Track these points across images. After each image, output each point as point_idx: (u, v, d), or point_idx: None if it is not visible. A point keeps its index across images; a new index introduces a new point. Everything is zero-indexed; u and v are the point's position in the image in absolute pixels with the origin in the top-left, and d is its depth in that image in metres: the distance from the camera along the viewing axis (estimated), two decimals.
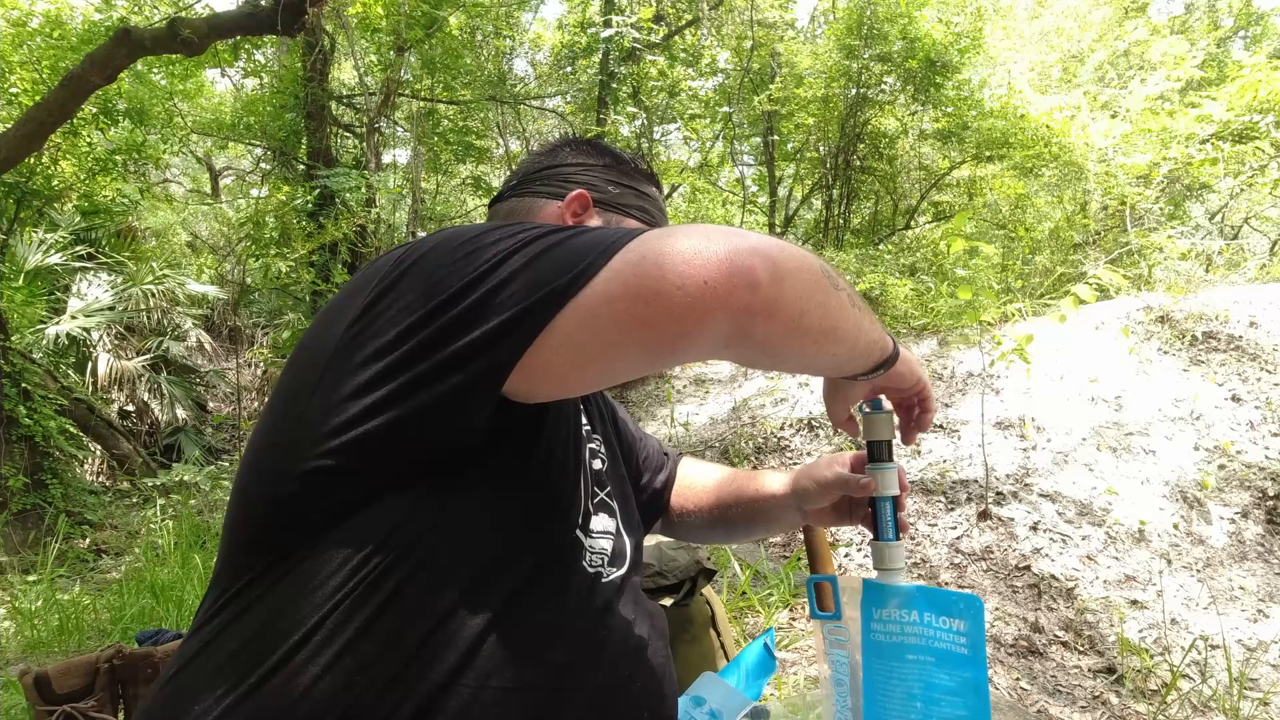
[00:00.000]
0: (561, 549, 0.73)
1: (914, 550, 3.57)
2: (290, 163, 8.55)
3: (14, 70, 6.81)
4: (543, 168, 0.96)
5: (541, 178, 0.95)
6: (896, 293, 6.50)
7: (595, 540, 0.78)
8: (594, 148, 0.98)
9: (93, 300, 7.55)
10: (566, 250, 0.60)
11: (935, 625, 0.71)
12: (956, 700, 0.69)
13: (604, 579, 0.77)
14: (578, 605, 0.73)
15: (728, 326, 0.58)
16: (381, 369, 0.62)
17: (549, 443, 0.72)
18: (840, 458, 0.98)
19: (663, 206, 1.01)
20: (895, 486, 0.82)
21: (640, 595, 0.85)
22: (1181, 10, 12.34)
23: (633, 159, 0.99)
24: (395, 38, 7.87)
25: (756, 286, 0.56)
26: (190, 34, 3.73)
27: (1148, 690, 2.64)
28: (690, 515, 1.13)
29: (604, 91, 8.77)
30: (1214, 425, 4.04)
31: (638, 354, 0.61)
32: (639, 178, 0.97)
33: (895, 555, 0.79)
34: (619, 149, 1.01)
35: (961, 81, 8.11)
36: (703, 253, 0.56)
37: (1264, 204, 7.43)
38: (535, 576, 0.69)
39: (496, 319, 0.59)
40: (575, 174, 0.94)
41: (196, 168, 12.91)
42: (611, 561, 0.81)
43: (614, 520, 0.85)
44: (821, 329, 0.64)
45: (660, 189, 1.02)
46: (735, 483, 1.12)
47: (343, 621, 0.61)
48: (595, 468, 0.86)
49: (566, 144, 0.99)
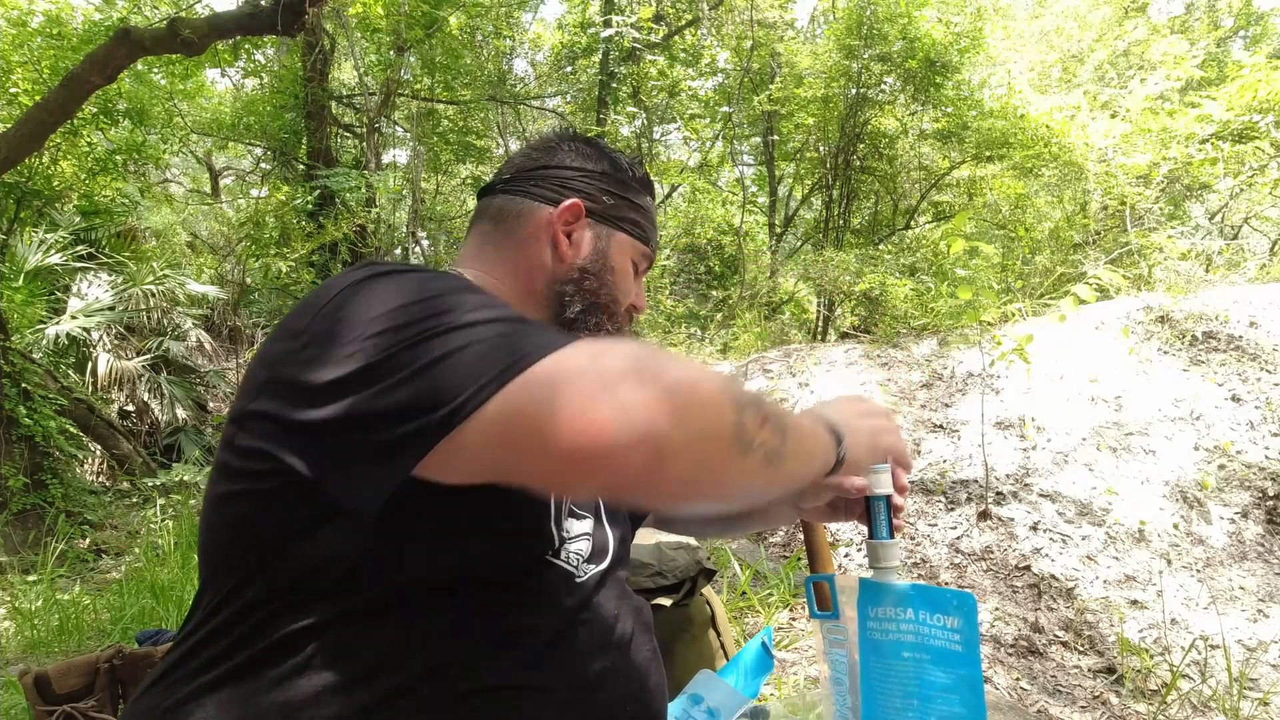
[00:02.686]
0: (527, 550, 0.73)
1: (914, 550, 3.57)
2: (290, 163, 8.56)
3: (14, 70, 6.81)
4: (539, 166, 0.94)
5: (537, 177, 0.93)
6: (896, 293, 6.50)
7: (570, 537, 0.79)
8: (593, 149, 0.96)
9: (93, 300, 7.55)
10: (465, 362, 0.56)
11: (930, 623, 0.72)
12: (952, 697, 0.69)
13: (579, 577, 0.78)
14: (549, 604, 0.73)
15: (597, 492, 0.57)
16: (283, 423, 0.62)
17: None
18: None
19: (654, 216, 1.00)
20: (889, 486, 0.83)
21: (625, 589, 0.86)
22: (1181, 10, 12.33)
23: (630, 165, 0.98)
24: (395, 38, 7.88)
25: (627, 469, 0.52)
26: (190, 34, 3.73)
27: (1148, 690, 2.64)
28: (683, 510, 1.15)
29: (604, 91, 8.78)
30: (1214, 425, 4.04)
31: (522, 485, 0.59)
32: (635, 187, 0.96)
33: (890, 554, 0.80)
34: (618, 152, 0.99)
35: (961, 81, 8.11)
36: (588, 414, 0.51)
37: (1264, 204, 7.42)
38: (499, 580, 0.69)
39: (377, 438, 0.57)
40: (572, 179, 0.93)
41: (196, 168, 12.92)
42: (591, 558, 0.81)
43: (589, 516, 0.85)
44: (716, 494, 0.62)
45: (654, 196, 1.02)
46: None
47: (304, 632, 0.63)
48: None
49: (565, 142, 0.97)
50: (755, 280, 8.97)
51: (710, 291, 10.28)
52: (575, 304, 0.90)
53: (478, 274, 0.90)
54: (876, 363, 5.30)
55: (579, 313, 0.90)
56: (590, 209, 0.91)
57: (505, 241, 0.92)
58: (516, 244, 0.92)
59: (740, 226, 9.40)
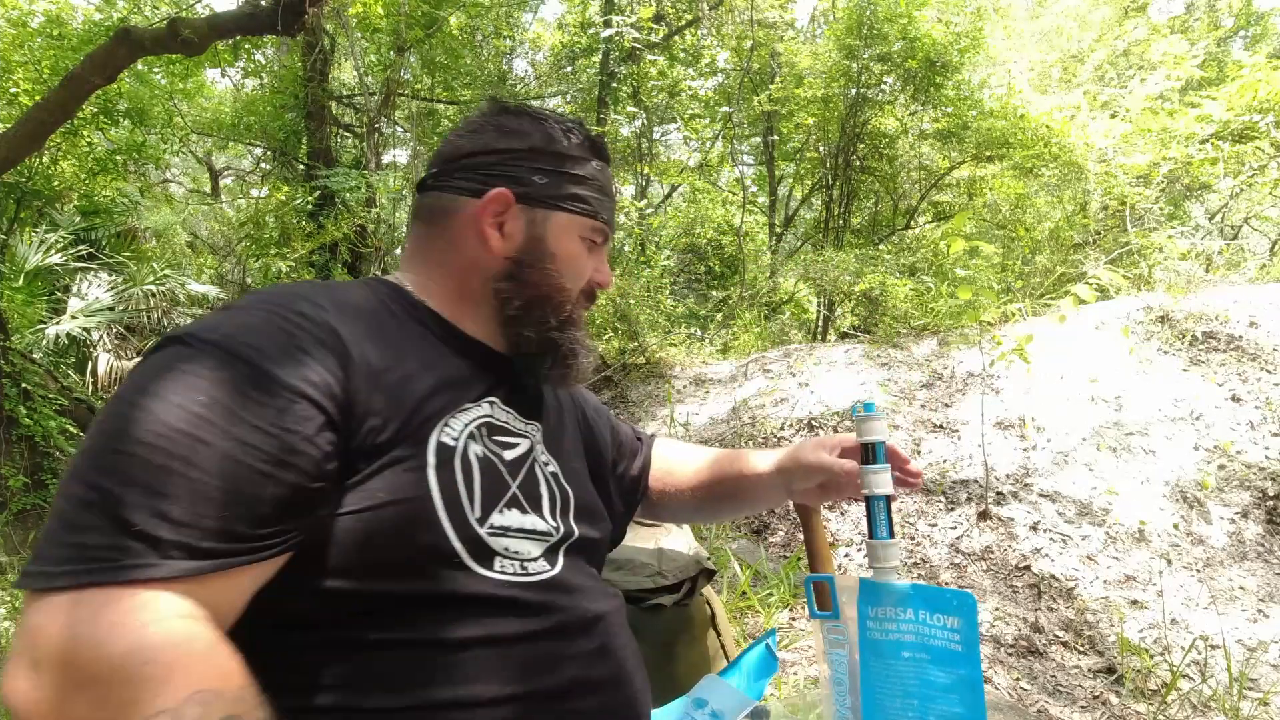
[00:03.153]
0: (437, 562, 0.69)
1: (914, 550, 3.57)
2: (290, 163, 8.56)
3: (14, 70, 6.81)
4: (462, 154, 0.87)
5: (461, 168, 0.87)
6: (896, 293, 6.50)
7: (507, 540, 0.74)
8: (524, 123, 0.88)
9: (93, 300, 7.54)
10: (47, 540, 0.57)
11: (929, 623, 0.72)
12: (952, 696, 0.69)
13: (519, 579, 0.73)
14: (476, 613, 0.70)
15: None
16: None
17: (391, 467, 0.69)
18: (826, 441, 0.99)
19: (605, 182, 0.91)
20: (889, 486, 0.83)
21: (590, 586, 0.82)
22: (1181, 10, 12.33)
23: (567, 132, 0.89)
24: (395, 38, 7.88)
25: None
26: (190, 34, 3.73)
27: (1148, 690, 2.64)
28: (672, 497, 1.13)
29: (604, 91, 8.77)
30: (1214, 425, 4.04)
31: None
32: (574, 156, 0.88)
33: (890, 554, 0.80)
34: (555, 119, 0.90)
35: (961, 81, 8.11)
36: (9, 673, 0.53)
37: (1264, 204, 7.42)
38: (415, 597, 0.67)
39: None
40: (497, 165, 0.85)
41: (196, 168, 12.92)
42: (545, 555, 0.78)
43: (538, 513, 0.80)
44: None
45: (605, 159, 0.93)
46: (720, 463, 1.13)
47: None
48: (508, 458, 0.80)
49: (492, 121, 0.89)
50: (755, 280, 8.97)
51: (710, 291, 10.28)
52: (515, 300, 0.85)
53: (417, 279, 0.87)
54: (876, 363, 5.30)
55: (519, 309, 0.85)
56: (520, 194, 0.85)
57: (436, 243, 0.88)
58: (447, 244, 0.87)
59: (740, 226, 9.40)
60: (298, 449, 0.62)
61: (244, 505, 0.60)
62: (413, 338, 0.80)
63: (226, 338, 0.64)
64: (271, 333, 0.66)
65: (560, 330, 0.87)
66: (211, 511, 0.58)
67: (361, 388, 0.69)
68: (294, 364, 0.65)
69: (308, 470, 0.63)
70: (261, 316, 0.68)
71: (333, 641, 0.66)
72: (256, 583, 0.63)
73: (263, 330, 0.66)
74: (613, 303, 6.38)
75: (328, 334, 0.69)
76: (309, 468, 0.63)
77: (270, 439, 0.61)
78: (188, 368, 0.62)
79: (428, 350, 0.80)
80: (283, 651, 0.66)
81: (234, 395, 0.61)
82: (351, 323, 0.73)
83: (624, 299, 6.42)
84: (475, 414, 0.79)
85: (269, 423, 0.61)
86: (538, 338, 0.86)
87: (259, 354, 0.64)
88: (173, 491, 0.57)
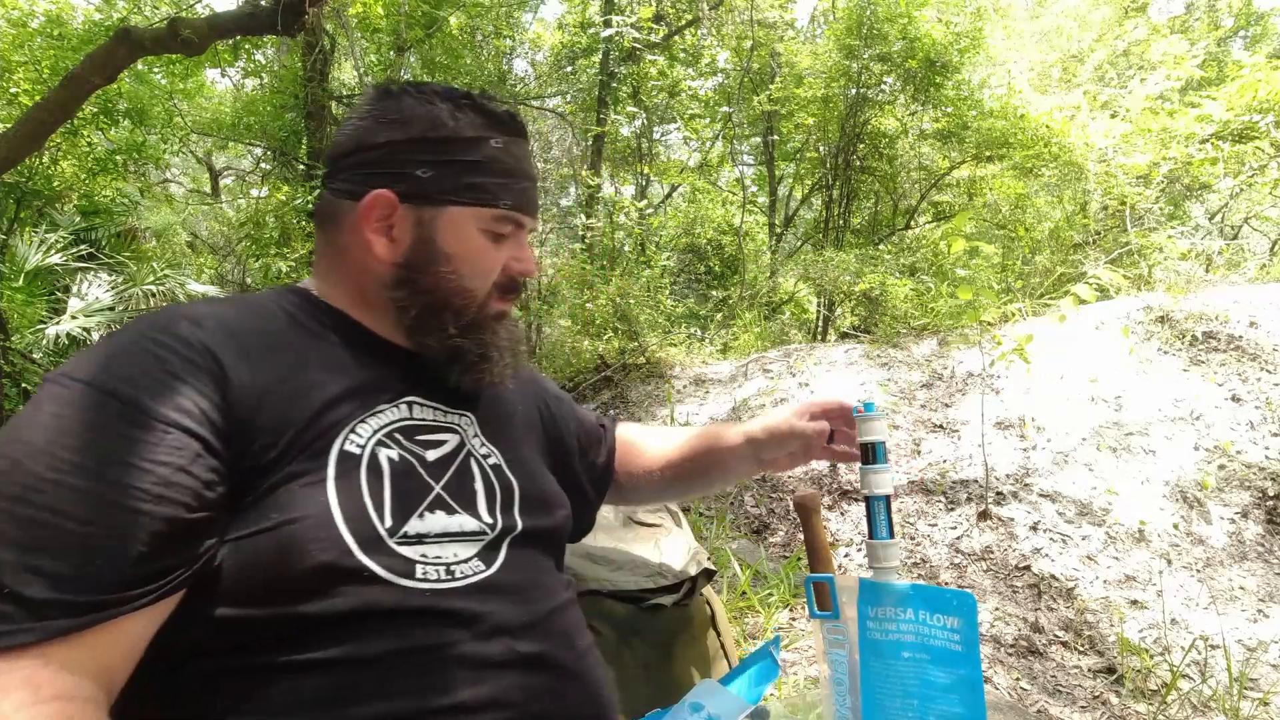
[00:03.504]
0: (340, 580, 0.66)
1: (914, 550, 3.57)
2: (290, 163, 8.55)
3: (14, 70, 6.81)
4: (343, 152, 0.81)
5: (342, 167, 0.80)
6: (896, 293, 6.50)
7: (426, 547, 0.70)
8: (406, 106, 0.79)
9: (93, 300, 7.54)
10: None
11: (929, 623, 0.72)
12: (952, 696, 0.69)
13: (443, 586, 0.70)
14: (396, 627, 0.66)
15: None
16: None
17: (286, 484, 0.67)
18: (796, 409, 0.99)
19: (510, 161, 0.81)
20: (889, 486, 0.83)
21: (534, 582, 0.78)
22: (1181, 10, 12.33)
23: (456, 109, 0.79)
24: (395, 38, 7.88)
25: None
26: (190, 34, 3.73)
27: (1148, 690, 2.64)
28: (640, 479, 1.12)
29: (604, 91, 8.77)
30: (1214, 425, 4.04)
31: None
32: (466, 140, 0.79)
33: (890, 554, 0.80)
34: (441, 98, 0.79)
35: (961, 81, 8.11)
36: None
37: (1264, 204, 7.42)
38: (318, 617, 0.64)
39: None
40: (378, 162, 0.78)
41: (196, 168, 12.92)
42: (483, 553, 0.74)
43: (470, 511, 0.76)
44: None
45: (513, 129, 0.82)
46: (688, 440, 1.11)
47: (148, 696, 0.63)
48: (430, 458, 0.77)
49: (372, 109, 0.80)
50: (755, 280, 8.97)
51: (710, 291, 10.28)
52: (411, 309, 0.80)
53: (322, 286, 0.83)
54: (876, 363, 5.30)
55: (417, 318, 0.80)
56: (404, 193, 0.77)
57: (329, 249, 0.83)
58: (339, 251, 0.82)
59: (740, 226, 9.40)
60: (173, 481, 0.60)
61: (123, 548, 0.57)
62: (315, 346, 0.77)
63: (96, 375, 0.62)
64: (144, 363, 0.64)
65: (465, 335, 0.81)
66: (88, 561, 0.56)
67: (243, 407, 0.66)
68: (166, 393, 0.63)
69: (186, 502, 0.61)
70: (134, 346, 0.65)
71: (245, 667, 0.64)
72: (152, 625, 0.61)
73: (134, 361, 0.64)
74: (613, 303, 6.38)
75: (202, 356, 0.67)
76: (188, 499, 0.61)
77: (145, 474, 0.59)
78: (58, 410, 0.60)
79: (333, 357, 0.76)
80: (193, 681, 0.64)
81: (105, 434, 0.60)
82: (237, 339, 0.70)
83: (624, 299, 6.42)
84: (389, 417, 0.76)
85: (142, 458, 0.59)
86: (439, 345, 0.80)
87: (130, 387, 0.62)
88: (45, 545, 0.55)
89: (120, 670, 0.59)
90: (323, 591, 0.65)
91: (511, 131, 0.83)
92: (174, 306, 0.72)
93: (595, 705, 0.77)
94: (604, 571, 1.41)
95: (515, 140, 0.83)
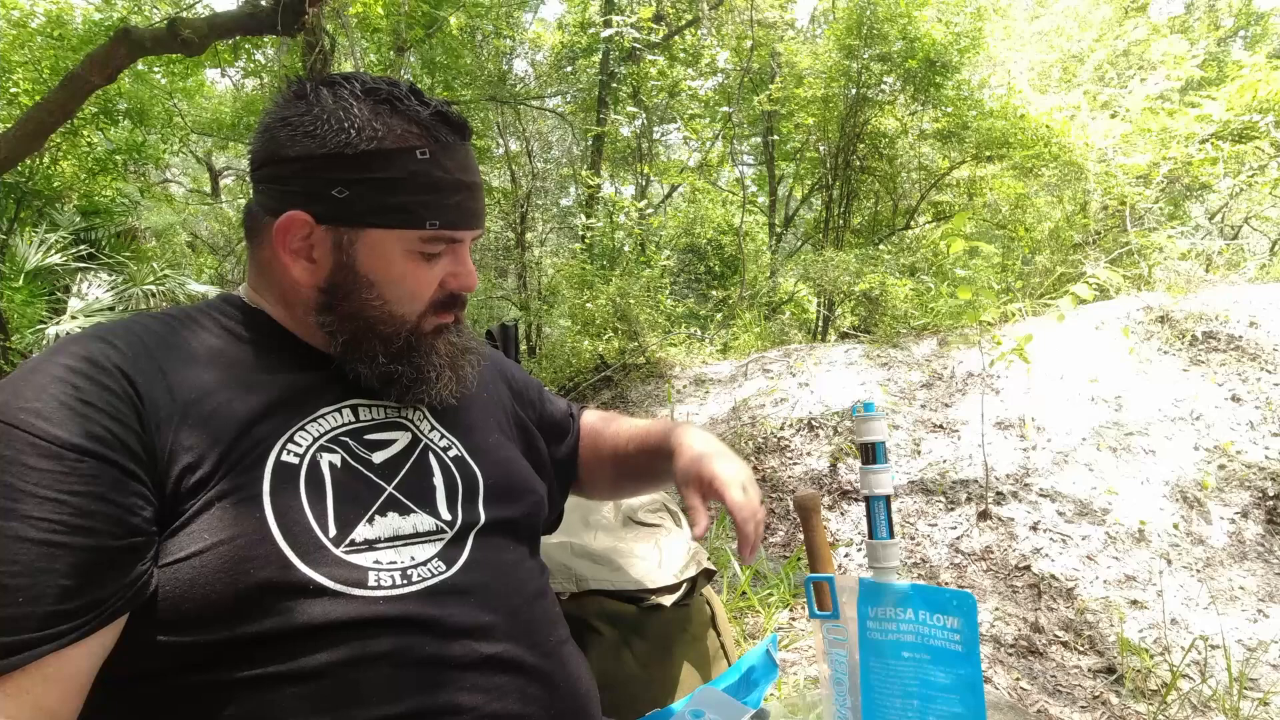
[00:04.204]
0: (284, 595, 0.64)
1: (914, 550, 3.57)
2: None
3: (14, 70, 6.81)
4: (259, 162, 0.75)
5: (263, 178, 0.75)
6: (896, 293, 6.50)
7: (378, 553, 0.68)
8: (319, 115, 0.71)
9: (93, 300, 7.53)
10: None
11: (929, 623, 0.72)
12: (952, 697, 0.69)
13: (399, 592, 0.67)
14: (350, 637, 0.65)
15: None
16: None
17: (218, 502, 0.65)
18: (696, 478, 0.89)
19: (446, 166, 0.73)
20: (889, 486, 0.83)
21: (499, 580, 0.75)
22: (1181, 10, 12.33)
23: (375, 115, 0.71)
24: (395, 38, 7.88)
25: None
26: (190, 34, 3.73)
27: (1148, 690, 2.64)
28: (595, 475, 1.10)
29: (604, 91, 8.78)
30: (1214, 425, 4.04)
31: None
32: (386, 152, 0.70)
33: (889, 554, 0.80)
34: (359, 100, 0.71)
35: (961, 81, 8.11)
36: None
37: (1264, 204, 7.42)
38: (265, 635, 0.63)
39: None
40: (292, 179, 0.72)
41: (196, 168, 12.92)
42: (445, 551, 0.72)
43: (428, 509, 0.74)
44: None
45: (448, 131, 0.74)
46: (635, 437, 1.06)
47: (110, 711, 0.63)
48: (379, 460, 0.74)
49: (286, 114, 0.72)
50: (755, 280, 8.97)
51: (710, 291, 10.28)
52: (339, 336, 0.75)
53: (254, 296, 0.80)
54: (876, 363, 5.30)
55: (345, 345, 0.75)
56: (320, 214, 0.71)
57: (256, 261, 0.79)
58: (263, 265, 0.78)
59: (740, 226, 9.40)
60: (91, 510, 0.58)
61: (43, 584, 0.56)
62: (246, 357, 0.74)
63: (3, 407, 0.60)
64: (53, 392, 0.61)
65: (396, 361, 0.76)
66: (9, 600, 0.55)
67: (162, 429, 0.64)
68: (78, 421, 0.60)
69: (108, 530, 0.59)
70: (44, 375, 0.63)
71: (200, 686, 0.63)
72: (93, 657, 0.59)
73: (43, 389, 0.61)
74: (613, 303, 6.38)
75: (115, 379, 0.64)
76: (110, 527, 0.59)
77: (60, 506, 0.57)
78: None
79: (265, 367, 0.74)
80: (147, 703, 0.63)
81: (14, 469, 0.58)
82: (155, 358, 0.68)
83: (624, 299, 6.42)
84: (332, 423, 0.73)
85: (55, 490, 0.57)
86: (371, 373, 0.76)
87: (38, 418, 0.59)
88: None
89: (64, 706, 0.58)
90: (269, 609, 0.63)
91: (442, 136, 0.74)
92: (92, 328, 0.69)
93: (567, 700, 0.75)
94: (604, 571, 1.41)
95: (448, 146, 0.74)
